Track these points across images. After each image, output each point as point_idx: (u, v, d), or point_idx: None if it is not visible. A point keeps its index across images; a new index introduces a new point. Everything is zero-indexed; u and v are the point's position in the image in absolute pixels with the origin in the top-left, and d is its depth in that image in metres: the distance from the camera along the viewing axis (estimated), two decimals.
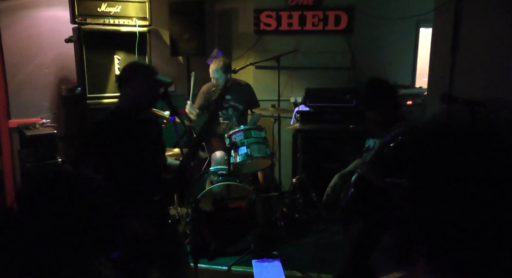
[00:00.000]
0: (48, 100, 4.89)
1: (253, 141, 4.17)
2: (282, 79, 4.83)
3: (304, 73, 5.39)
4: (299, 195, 4.60)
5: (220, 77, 4.64)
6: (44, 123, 4.49)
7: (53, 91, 4.92)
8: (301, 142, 4.74)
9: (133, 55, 4.75)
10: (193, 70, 4.95)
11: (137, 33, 4.70)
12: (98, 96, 4.66)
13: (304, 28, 5.28)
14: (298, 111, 4.94)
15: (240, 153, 4.10)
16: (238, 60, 5.30)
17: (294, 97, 5.35)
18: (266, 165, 4.40)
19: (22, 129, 4.32)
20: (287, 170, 5.20)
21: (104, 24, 4.58)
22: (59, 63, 4.89)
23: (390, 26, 5.24)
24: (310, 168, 4.75)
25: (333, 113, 4.91)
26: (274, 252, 3.88)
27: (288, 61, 5.07)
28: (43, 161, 4.15)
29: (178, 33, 5.09)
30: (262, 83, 5.33)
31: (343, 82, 5.27)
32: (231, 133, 4.22)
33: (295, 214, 4.52)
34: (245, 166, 4.24)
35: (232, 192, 3.91)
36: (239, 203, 3.90)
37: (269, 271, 3.64)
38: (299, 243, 4.13)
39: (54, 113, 4.89)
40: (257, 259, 3.78)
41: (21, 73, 4.70)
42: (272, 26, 5.33)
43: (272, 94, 5.00)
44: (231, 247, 3.89)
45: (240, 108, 4.80)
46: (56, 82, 4.92)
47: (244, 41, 5.53)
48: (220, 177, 4.01)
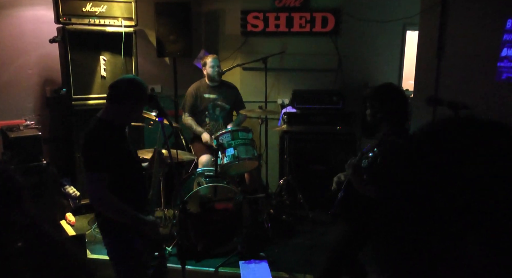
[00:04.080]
0: (32, 102, 4.82)
1: (241, 142, 4.16)
2: (269, 80, 4.83)
3: (291, 75, 5.40)
4: (286, 196, 4.61)
5: (220, 65, 4.77)
6: (29, 124, 4.43)
7: (37, 92, 4.85)
8: (288, 143, 4.75)
9: (119, 55, 4.71)
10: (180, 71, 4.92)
11: (123, 34, 4.65)
12: (84, 98, 4.61)
13: (291, 29, 5.29)
14: (285, 112, 4.95)
15: (228, 155, 4.09)
16: (225, 62, 5.30)
17: (281, 98, 5.35)
18: (253, 167, 4.40)
19: (6, 131, 4.25)
20: (274, 171, 5.20)
21: (89, 24, 4.53)
22: (43, 63, 4.82)
23: (377, 29, 5.28)
24: (297, 170, 4.76)
25: (320, 114, 4.93)
26: (261, 253, 3.88)
27: (275, 62, 5.08)
28: (27, 163, 4.09)
29: (165, 34, 5.06)
30: (249, 84, 5.33)
31: (330, 84, 5.29)
32: (218, 135, 4.21)
33: (282, 216, 4.52)
34: (232, 167, 4.23)
35: (219, 193, 3.90)
36: (226, 204, 3.89)
37: (256, 272, 3.63)
38: (286, 244, 4.13)
39: (38, 115, 4.82)
40: (244, 260, 3.77)
41: (4, 74, 4.63)
42: (259, 27, 5.33)
43: (259, 95, 5.00)
44: (218, 249, 3.87)
45: (227, 108, 4.80)
46: (40, 83, 4.85)
47: (231, 42, 5.52)
48: (207, 179, 3.99)
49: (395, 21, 5.22)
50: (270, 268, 3.66)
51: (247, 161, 4.18)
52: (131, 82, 2.54)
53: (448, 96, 3.49)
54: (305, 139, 4.88)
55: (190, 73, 5.42)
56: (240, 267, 3.69)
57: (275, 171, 5.21)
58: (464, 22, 3.71)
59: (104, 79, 4.73)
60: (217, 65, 4.73)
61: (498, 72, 3.35)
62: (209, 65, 4.73)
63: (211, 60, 4.75)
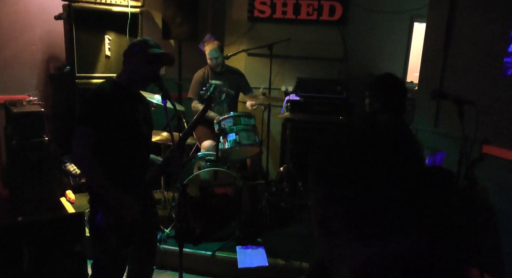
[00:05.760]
0: (36, 78, 4.81)
1: (242, 128, 4.16)
2: (273, 67, 4.81)
3: (296, 63, 5.37)
4: (286, 184, 4.61)
5: (219, 56, 4.67)
6: (32, 100, 4.42)
7: (41, 68, 4.83)
8: (290, 131, 4.75)
9: (124, 36, 4.69)
10: (185, 55, 4.89)
11: (129, 14, 4.63)
12: (87, 76, 4.60)
13: (298, 17, 5.25)
14: (289, 100, 4.94)
15: (229, 140, 4.08)
16: (230, 47, 5.27)
17: (285, 86, 5.34)
18: (254, 153, 4.40)
19: (9, 106, 4.24)
20: (275, 159, 5.20)
21: (95, 3, 4.50)
22: (48, 40, 4.80)
23: (384, 20, 5.25)
24: (298, 158, 4.77)
25: (323, 104, 4.92)
26: (258, 239, 3.90)
27: (281, 49, 5.05)
28: (29, 139, 4.09)
29: (171, 17, 5.02)
30: (253, 70, 5.31)
31: (334, 73, 5.27)
32: (221, 119, 4.21)
33: (281, 203, 4.54)
34: (233, 152, 4.24)
35: (219, 178, 3.91)
36: (225, 189, 3.91)
37: (252, 257, 3.66)
38: (283, 231, 4.16)
39: (41, 91, 4.81)
40: (241, 245, 3.80)
41: (8, 49, 4.61)
42: (266, 14, 5.30)
43: (263, 82, 4.99)
44: (216, 233, 3.90)
45: (232, 94, 4.77)
46: (44, 59, 4.84)
47: (237, 28, 5.48)
48: (208, 163, 4.00)
49: (403, 12, 5.19)
50: (266, 254, 3.69)
51: (248, 147, 4.18)
52: (134, 40, 2.55)
53: (453, 90, 3.49)
54: (307, 127, 4.87)
55: (194, 57, 5.39)
56: (237, 252, 3.72)
57: (276, 158, 5.21)
58: (472, 16, 3.67)
59: (108, 58, 4.71)
60: (215, 56, 4.65)
61: (505, 68, 3.33)
62: (207, 56, 4.70)
63: (208, 52, 4.68)
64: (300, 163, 4.71)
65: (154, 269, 3.02)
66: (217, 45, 4.69)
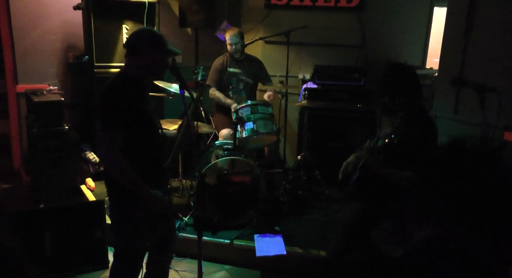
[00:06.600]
0: (55, 67, 4.87)
1: (260, 116, 4.15)
2: (291, 55, 4.78)
3: (314, 50, 5.32)
4: (303, 172, 4.61)
5: (239, 42, 4.65)
6: (52, 90, 4.48)
7: (60, 57, 4.89)
8: (307, 119, 4.72)
9: (142, 25, 4.70)
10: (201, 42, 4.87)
11: (146, 3, 4.63)
12: (106, 65, 4.63)
13: (316, 3, 5.19)
14: (306, 88, 4.90)
15: (246, 128, 4.09)
16: (247, 34, 5.23)
17: (303, 73, 5.30)
18: (272, 141, 4.40)
19: (30, 95, 4.31)
20: (292, 147, 5.19)
21: None
22: (66, 29, 4.84)
23: (403, 5, 5.15)
24: (315, 146, 4.75)
25: (341, 91, 4.88)
26: (276, 227, 3.91)
27: (298, 36, 5.00)
28: (49, 128, 4.16)
29: (187, 4, 5.00)
30: (270, 58, 5.28)
31: (352, 60, 5.22)
32: (238, 108, 4.21)
33: (298, 191, 4.54)
34: (250, 141, 4.24)
35: (236, 166, 3.92)
36: (243, 177, 3.92)
37: (270, 245, 3.68)
38: (301, 219, 4.16)
39: (60, 80, 4.87)
40: (259, 233, 3.81)
41: (28, 38, 4.67)
42: (283, 1, 5.25)
43: (280, 69, 4.96)
44: (234, 221, 3.92)
45: (250, 83, 4.76)
46: (63, 48, 4.89)
47: (253, 15, 5.45)
48: (226, 152, 4.01)
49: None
50: (284, 242, 3.70)
51: (265, 136, 4.18)
52: (143, 30, 2.51)
53: (473, 77, 3.42)
54: (325, 115, 4.84)
55: (211, 44, 5.39)
56: (254, 240, 3.73)
57: (293, 147, 5.20)
58: (495, 1, 3.58)
59: None
60: (235, 42, 4.63)
61: None
62: (227, 42, 4.68)
63: (228, 37, 4.65)
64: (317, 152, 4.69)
65: (173, 257, 3.06)
66: (237, 31, 4.68)
